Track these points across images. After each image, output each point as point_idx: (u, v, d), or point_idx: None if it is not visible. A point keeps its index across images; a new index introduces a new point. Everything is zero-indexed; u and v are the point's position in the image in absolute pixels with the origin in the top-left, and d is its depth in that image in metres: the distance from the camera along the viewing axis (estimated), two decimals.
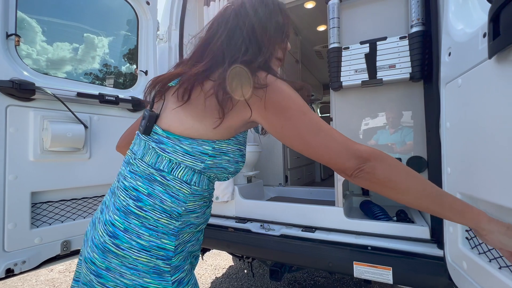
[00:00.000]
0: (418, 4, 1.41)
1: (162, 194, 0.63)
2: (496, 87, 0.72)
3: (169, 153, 0.63)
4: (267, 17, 0.71)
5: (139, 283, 0.59)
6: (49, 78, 1.44)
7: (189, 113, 0.62)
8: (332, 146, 0.58)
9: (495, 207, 0.78)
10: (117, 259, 0.60)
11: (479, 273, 0.85)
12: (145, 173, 0.64)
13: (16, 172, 1.25)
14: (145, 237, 0.61)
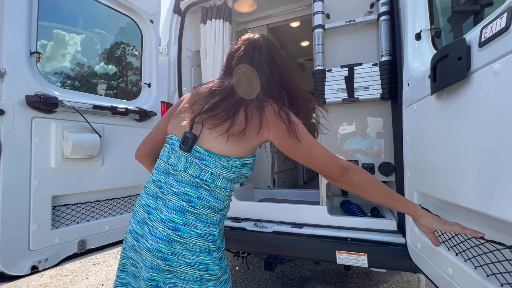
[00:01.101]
0: (386, 38, 1.73)
1: (208, 197, 0.84)
2: (436, 115, 1.02)
3: (211, 167, 0.83)
4: (286, 64, 0.99)
5: (198, 261, 0.81)
6: (67, 92, 1.57)
7: (229, 140, 0.83)
8: (324, 162, 0.84)
9: (438, 201, 1.08)
10: (181, 245, 0.80)
11: (428, 250, 1.14)
12: (191, 182, 0.83)
13: (40, 177, 1.38)
14: (200, 227, 0.83)
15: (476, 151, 0.78)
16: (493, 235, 0.75)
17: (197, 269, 0.81)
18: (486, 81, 0.74)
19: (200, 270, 0.82)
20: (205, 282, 0.82)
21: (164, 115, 1.07)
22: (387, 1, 1.73)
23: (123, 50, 2.14)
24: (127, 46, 2.17)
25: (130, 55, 2.16)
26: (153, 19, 2.11)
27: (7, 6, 1.31)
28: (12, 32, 1.33)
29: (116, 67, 1.99)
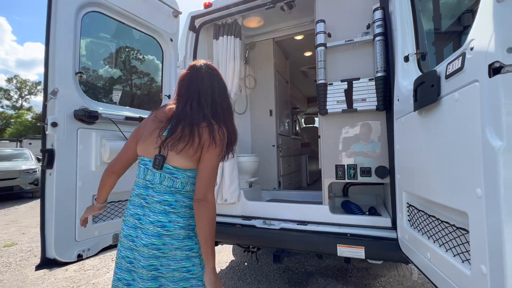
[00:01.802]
0: (381, 56, 1.96)
1: (183, 199, 1.10)
2: (417, 128, 1.24)
3: (180, 178, 1.08)
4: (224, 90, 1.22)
5: (183, 244, 1.07)
6: (103, 105, 1.82)
7: (188, 158, 1.07)
8: (208, 182, 1.05)
9: (420, 198, 1.30)
10: (168, 237, 1.05)
11: (414, 241, 1.36)
12: (168, 191, 1.07)
13: (83, 179, 1.62)
14: (181, 222, 1.08)
15: (441, 158, 1.00)
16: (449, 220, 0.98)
17: (183, 250, 1.08)
18: (450, 105, 0.97)
19: (186, 251, 1.08)
20: (191, 258, 1.09)
21: (129, 138, 1.24)
22: (381, 24, 1.96)
23: (147, 66, 2.39)
24: (149, 62, 2.42)
25: (152, 70, 2.41)
26: (173, 38, 2.36)
27: (59, 36, 1.56)
28: (62, 57, 1.58)
29: (141, 81, 2.23)
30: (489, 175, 0.76)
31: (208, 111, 1.12)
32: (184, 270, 1.08)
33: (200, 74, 1.17)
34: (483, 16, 0.79)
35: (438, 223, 1.11)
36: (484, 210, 0.78)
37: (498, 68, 0.73)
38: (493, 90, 0.75)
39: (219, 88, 1.20)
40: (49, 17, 1.57)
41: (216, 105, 1.16)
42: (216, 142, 1.07)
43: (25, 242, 4.01)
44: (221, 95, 1.20)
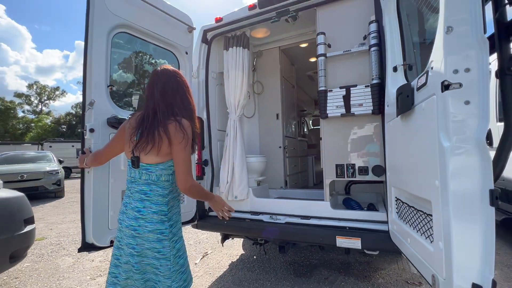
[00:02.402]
0: (376, 65, 2.14)
1: (157, 188, 1.28)
2: (399, 131, 1.44)
3: (154, 172, 1.27)
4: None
5: (155, 227, 1.24)
6: (130, 112, 2.10)
7: (157, 155, 1.25)
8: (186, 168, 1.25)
9: (404, 192, 1.49)
10: (143, 220, 1.24)
11: (400, 230, 1.55)
12: (144, 182, 1.28)
13: (114, 177, 1.89)
14: (154, 207, 1.26)
15: (415, 156, 1.20)
16: (423, 208, 1.17)
17: (155, 233, 1.25)
18: (419, 113, 1.17)
19: (157, 234, 1.25)
20: (162, 241, 1.26)
21: (113, 139, 1.45)
22: (376, 35, 2.15)
23: None
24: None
25: None
26: (187, 51, 2.63)
27: (94, 56, 1.85)
28: (97, 73, 1.87)
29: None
30: (442, 169, 0.96)
31: (170, 110, 1.29)
32: (155, 251, 1.25)
33: (159, 78, 1.34)
34: (438, 43, 1.00)
35: (416, 212, 1.31)
36: (440, 197, 0.98)
37: (447, 85, 0.93)
38: (444, 102, 0.95)
39: (178, 88, 1.36)
40: (86, 39, 1.86)
41: (176, 103, 1.32)
42: (180, 137, 1.23)
43: (54, 236, 4.39)
44: (181, 94, 1.35)
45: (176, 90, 1.36)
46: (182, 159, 1.26)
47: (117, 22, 2.01)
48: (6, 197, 2.40)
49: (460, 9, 0.92)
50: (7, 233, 2.29)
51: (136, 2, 2.12)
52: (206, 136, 2.91)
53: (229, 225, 2.61)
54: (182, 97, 1.37)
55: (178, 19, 2.48)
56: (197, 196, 1.37)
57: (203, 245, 3.74)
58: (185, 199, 2.49)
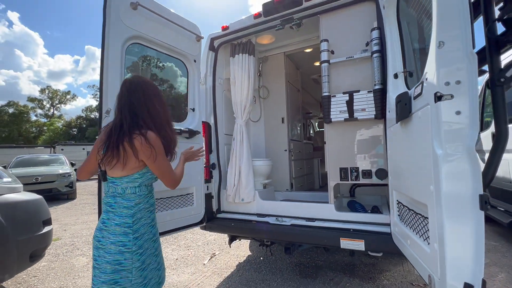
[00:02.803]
0: (378, 71, 2.20)
1: (121, 201, 1.30)
2: (399, 136, 1.50)
3: (119, 184, 1.30)
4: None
5: (117, 240, 1.25)
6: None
7: (122, 169, 1.28)
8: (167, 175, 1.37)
9: (404, 195, 1.55)
10: (106, 232, 1.26)
11: (401, 232, 1.60)
12: (111, 195, 1.30)
13: None
14: (117, 220, 1.27)
15: (413, 162, 1.26)
16: (421, 211, 1.23)
17: (117, 245, 1.25)
18: (416, 121, 1.23)
19: (119, 246, 1.25)
20: (124, 253, 1.25)
21: (91, 152, 1.43)
22: (378, 42, 2.21)
23: (175, 84, 2.79)
24: (177, 81, 2.82)
25: (180, 89, 2.81)
26: (196, 59, 2.74)
27: (110, 66, 1.97)
28: (112, 82, 1.98)
29: (171, 97, 2.63)
30: (436, 175, 1.02)
31: (136, 123, 1.29)
32: (116, 263, 1.24)
33: (126, 89, 1.35)
34: (431, 56, 1.07)
35: (415, 215, 1.37)
36: (434, 201, 1.04)
37: (440, 96, 1.00)
38: (437, 112, 1.02)
39: (145, 99, 1.34)
40: (102, 52, 1.98)
41: (143, 115, 1.32)
42: (148, 152, 1.25)
43: (68, 237, 4.57)
44: (148, 105, 1.34)
45: (144, 101, 1.35)
46: (159, 172, 1.33)
47: (131, 34, 2.14)
48: (26, 200, 2.55)
49: (451, 26, 0.99)
50: (27, 234, 2.44)
51: (147, 14, 2.24)
52: (214, 141, 3.01)
53: (236, 227, 2.69)
54: (150, 108, 1.35)
55: (187, 29, 2.59)
56: (181, 178, 1.49)
57: (211, 246, 3.84)
58: (194, 202, 2.59)
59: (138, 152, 1.25)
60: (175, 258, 3.43)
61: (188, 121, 2.68)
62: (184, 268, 3.12)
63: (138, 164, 1.30)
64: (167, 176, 1.37)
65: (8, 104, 36.43)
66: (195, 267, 3.15)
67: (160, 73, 2.85)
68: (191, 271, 3.03)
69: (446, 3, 1.00)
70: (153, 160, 1.28)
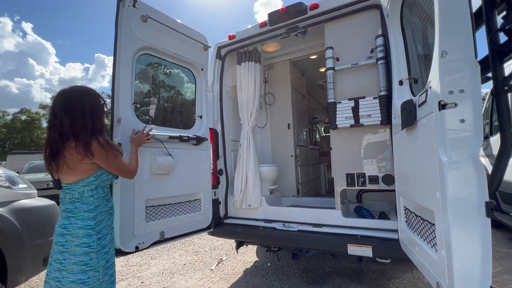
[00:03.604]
0: (383, 77, 2.22)
1: (81, 205, 1.35)
2: (405, 143, 1.51)
3: (75, 190, 1.34)
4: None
5: (81, 242, 1.30)
6: (152, 127, 2.28)
7: (73, 173, 1.33)
8: (124, 170, 1.51)
9: (411, 201, 1.55)
10: (69, 235, 1.31)
11: (409, 238, 1.60)
12: (69, 200, 1.35)
13: (139, 186, 2.06)
14: (79, 223, 1.33)
15: (419, 168, 1.27)
16: (428, 218, 1.24)
17: (82, 247, 1.31)
18: (421, 128, 1.25)
19: (84, 247, 1.31)
20: (89, 253, 1.32)
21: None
22: (383, 49, 2.23)
23: (183, 92, 2.86)
24: (185, 89, 2.89)
25: (187, 95, 2.87)
26: (203, 68, 2.81)
27: (121, 76, 2.04)
28: (123, 91, 2.05)
29: (179, 104, 2.69)
30: (442, 182, 1.03)
31: (72, 131, 1.33)
32: (82, 264, 1.29)
33: (58, 102, 1.38)
34: (434, 65, 1.09)
35: (422, 221, 1.37)
36: (441, 208, 1.05)
37: (444, 104, 1.02)
38: (441, 120, 1.03)
39: (78, 107, 1.36)
40: (114, 61, 2.06)
41: (78, 123, 1.34)
42: (102, 153, 1.34)
43: None
44: (79, 113, 1.36)
45: (82, 107, 1.38)
46: (116, 170, 1.46)
47: (141, 45, 2.21)
48: (40, 205, 2.63)
49: (454, 36, 1.01)
50: (41, 238, 2.51)
51: (157, 26, 2.32)
52: (221, 147, 3.05)
53: (243, 232, 2.71)
54: (85, 116, 1.38)
55: (194, 39, 2.67)
56: (137, 166, 1.66)
57: (218, 251, 3.85)
58: (201, 208, 2.62)
59: (94, 156, 1.33)
60: (183, 264, 3.46)
61: (196, 128, 2.73)
62: (191, 274, 3.14)
63: (91, 167, 1.38)
64: (124, 171, 1.52)
65: (21, 111, 37.50)
66: (203, 272, 3.17)
67: (167, 80, 2.92)
68: (198, 277, 3.05)
69: (448, 14, 1.03)
70: (107, 161, 1.39)
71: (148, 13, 2.19)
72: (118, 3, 2.05)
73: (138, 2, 2.14)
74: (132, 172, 1.59)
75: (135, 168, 1.62)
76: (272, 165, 3.26)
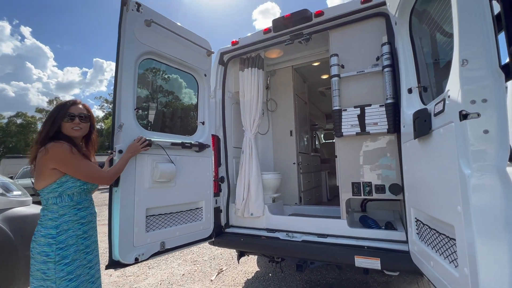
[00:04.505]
0: (390, 85, 2.19)
1: (47, 212, 1.38)
2: (418, 153, 1.47)
3: (43, 196, 1.39)
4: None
5: (41, 250, 1.32)
6: (153, 133, 2.22)
7: (39, 179, 1.39)
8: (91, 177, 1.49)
9: (424, 213, 1.50)
10: (35, 242, 1.35)
11: (421, 251, 1.54)
12: (41, 208, 1.39)
13: (139, 195, 1.98)
14: (42, 231, 1.35)
15: (435, 180, 1.23)
16: (445, 232, 1.18)
17: (42, 255, 1.33)
18: (438, 138, 1.21)
19: (43, 256, 1.33)
20: (47, 263, 1.32)
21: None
22: (389, 57, 2.21)
23: (185, 97, 2.81)
24: (183, 94, 2.85)
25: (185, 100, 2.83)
26: (206, 73, 2.77)
27: (124, 81, 1.99)
28: (126, 97, 2.00)
29: (181, 110, 2.64)
30: (464, 196, 0.99)
31: (39, 138, 1.44)
32: (42, 271, 1.32)
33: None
34: (454, 74, 1.05)
35: (438, 235, 1.31)
36: (463, 223, 1.00)
37: (466, 114, 0.98)
38: (463, 131, 0.99)
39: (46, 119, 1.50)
40: (117, 66, 2.01)
41: (41, 130, 1.47)
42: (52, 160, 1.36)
43: None
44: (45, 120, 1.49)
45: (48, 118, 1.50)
46: (82, 177, 1.44)
47: (144, 50, 2.17)
48: (35, 214, 2.53)
49: (474, 43, 0.98)
50: None
51: (161, 31, 2.28)
52: (223, 154, 2.99)
53: (246, 242, 2.63)
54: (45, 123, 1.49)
55: (198, 44, 2.63)
56: (118, 174, 1.68)
57: (218, 261, 3.75)
58: (203, 217, 2.54)
59: (49, 159, 1.34)
60: (182, 274, 3.35)
61: (198, 134, 2.68)
62: (191, 285, 3.03)
63: (52, 173, 1.37)
64: (91, 177, 1.48)
65: (16, 115, 37.12)
66: (202, 283, 3.06)
67: (166, 85, 2.87)
68: None
69: (468, 19, 1.00)
70: (67, 164, 1.38)
71: (152, 17, 2.16)
72: (122, 7, 2.01)
73: (142, 7, 2.10)
74: (105, 178, 1.56)
75: (110, 175, 1.60)
76: (275, 172, 3.21)
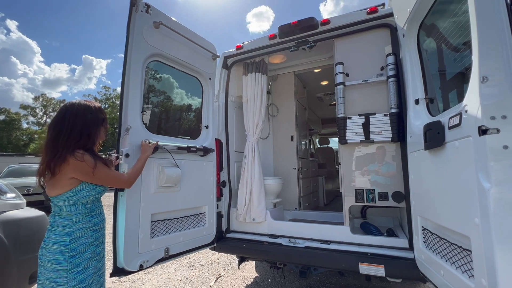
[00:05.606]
0: (394, 95, 2.24)
1: (59, 219, 1.34)
2: (428, 164, 1.50)
3: (56, 203, 1.36)
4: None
5: (53, 258, 1.28)
6: (159, 137, 2.17)
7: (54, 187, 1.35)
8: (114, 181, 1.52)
9: (432, 222, 1.53)
10: (45, 250, 1.31)
11: (429, 260, 1.57)
12: (52, 214, 1.37)
13: (145, 200, 1.94)
14: (54, 238, 1.31)
15: (449, 191, 1.26)
16: (457, 242, 1.22)
17: (53, 263, 1.29)
18: (452, 150, 1.24)
19: (54, 264, 1.29)
20: (58, 271, 1.28)
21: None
22: (394, 67, 2.27)
23: (189, 101, 2.78)
24: (192, 99, 2.82)
25: (193, 105, 2.80)
26: (211, 77, 2.75)
27: (131, 84, 1.95)
28: (133, 99, 1.96)
29: (185, 114, 2.61)
30: (483, 208, 1.01)
31: (60, 147, 1.33)
32: (52, 281, 1.28)
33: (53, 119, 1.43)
34: (473, 90, 1.09)
35: (449, 244, 1.35)
36: (481, 235, 1.02)
37: (485, 130, 1.01)
38: (482, 146, 1.02)
39: (67, 123, 1.38)
40: (124, 67, 1.96)
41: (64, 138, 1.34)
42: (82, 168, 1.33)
43: None
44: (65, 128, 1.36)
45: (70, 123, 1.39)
46: (102, 183, 1.44)
47: (152, 52, 2.14)
48: (29, 217, 2.43)
49: (494, 59, 1.02)
50: (29, 253, 2.30)
51: (168, 32, 2.25)
52: (225, 158, 2.97)
53: (247, 248, 2.61)
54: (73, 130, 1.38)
55: (204, 48, 2.62)
56: (138, 176, 1.66)
57: (215, 266, 3.70)
58: (206, 222, 2.51)
59: (70, 170, 1.32)
60: (179, 279, 3.28)
61: (202, 138, 2.65)
62: None
63: (69, 182, 1.34)
64: (111, 182, 1.50)
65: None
66: None
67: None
68: None
69: (488, 38, 1.03)
70: (87, 174, 1.36)
71: (161, 19, 2.13)
72: (131, 8, 1.98)
73: (152, 8, 2.08)
74: (125, 181, 1.57)
75: (128, 178, 1.59)
76: (276, 177, 3.21)
